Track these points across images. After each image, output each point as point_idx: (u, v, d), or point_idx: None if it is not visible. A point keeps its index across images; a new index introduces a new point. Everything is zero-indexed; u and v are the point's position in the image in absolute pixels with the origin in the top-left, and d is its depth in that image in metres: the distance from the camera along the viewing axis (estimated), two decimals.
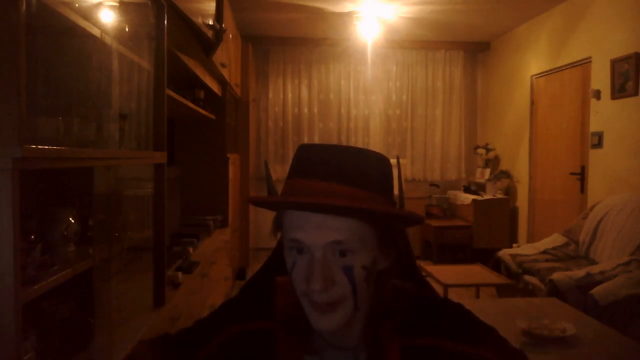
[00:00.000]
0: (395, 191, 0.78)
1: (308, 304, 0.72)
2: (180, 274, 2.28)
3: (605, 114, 3.91)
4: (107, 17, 1.55)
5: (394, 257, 0.78)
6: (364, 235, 0.72)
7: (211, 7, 2.96)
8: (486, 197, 5.45)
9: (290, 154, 6.01)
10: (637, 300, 2.69)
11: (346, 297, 0.71)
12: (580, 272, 3.04)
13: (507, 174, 5.50)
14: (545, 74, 4.90)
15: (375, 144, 6.17)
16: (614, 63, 3.76)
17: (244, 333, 0.81)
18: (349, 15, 4.85)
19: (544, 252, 3.71)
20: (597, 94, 3.97)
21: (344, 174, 0.72)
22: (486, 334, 0.78)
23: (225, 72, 3.76)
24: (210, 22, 2.79)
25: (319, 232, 0.70)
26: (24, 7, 0.98)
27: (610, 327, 2.32)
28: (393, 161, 0.80)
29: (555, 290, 2.96)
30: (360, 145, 6.15)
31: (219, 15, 3.06)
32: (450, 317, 0.79)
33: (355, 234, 0.71)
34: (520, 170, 5.35)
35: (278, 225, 0.77)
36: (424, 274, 3.53)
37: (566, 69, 4.55)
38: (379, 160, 0.76)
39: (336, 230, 0.70)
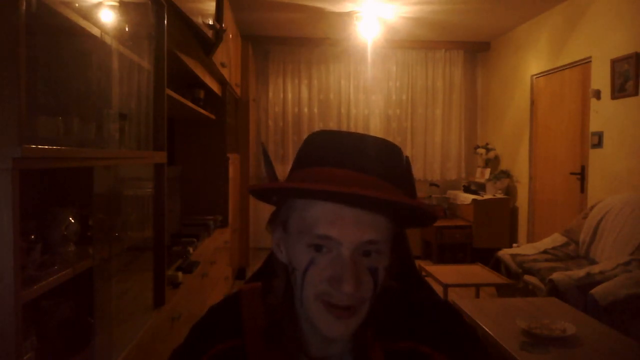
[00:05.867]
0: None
1: (323, 307, 0.64)
2: (180, 273, 2.28)
3: (605, 113, 3.91)
4: (107, 17, 1.55)
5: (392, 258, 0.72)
6: (390, 235, 0.67)
7: (211, 7, 2.96)
8: (486, 197, 5.45)
9: (291, 154, 6.01)
10: (637, 300, 2.69)
11: (366, 300, 0.65)
12: (580, 272, 3.04)
13: (507, 174, 5.50)
14: (545, 73, 4.90)
15: None
16: (614, 63, 3.76)
17: (212, 359, 0.73)
18: (349, 15, 4.85)
19: (544, 252, 3.71)
20: (597, 94, 3.97)
21: (373, 165, 0.65)
22: (465, 340, 0.73)
23: (225, 72, 3.76)
24: (210, 22, 2.79)
25: (355, 229, 0.62)
26: (24, 7, 0.98)
27: (610, 327, 2.32)
28: None
29: (555, 290, 2.96)
30: None
31: (219, 15, 3.06)
32: (432, 320, 0.73)
33: (386, 233, 0.65)
34: (520, 170, 5.35)
35: (280, 221, 0.69)
36: (424, 274, 3.55)
37: (566, 68, 4.55)
38: (397, 151, 0.71)
39: (373, 229, 0.63)
